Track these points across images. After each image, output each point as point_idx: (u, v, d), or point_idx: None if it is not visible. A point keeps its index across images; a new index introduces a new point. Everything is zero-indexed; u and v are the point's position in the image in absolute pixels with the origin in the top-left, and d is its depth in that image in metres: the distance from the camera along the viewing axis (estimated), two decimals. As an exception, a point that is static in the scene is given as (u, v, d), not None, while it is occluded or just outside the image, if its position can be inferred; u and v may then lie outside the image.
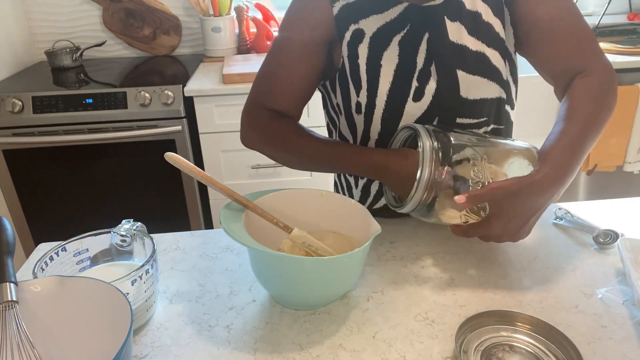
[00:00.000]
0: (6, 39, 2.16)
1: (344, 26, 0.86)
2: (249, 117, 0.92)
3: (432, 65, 0.84)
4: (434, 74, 0.84)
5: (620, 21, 2.39)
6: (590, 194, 2.28)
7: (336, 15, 0.86)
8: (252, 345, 0.67)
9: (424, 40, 0.84)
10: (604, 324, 0.69)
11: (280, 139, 0.89)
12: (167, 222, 2.07)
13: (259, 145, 0.92)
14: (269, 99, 0.91)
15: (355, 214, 0.78)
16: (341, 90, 0.91)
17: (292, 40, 0.88)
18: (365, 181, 0.98)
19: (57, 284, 0.62)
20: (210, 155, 2.00)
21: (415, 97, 0.85)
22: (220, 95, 1.89)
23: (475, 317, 0.66)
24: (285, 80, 0.90)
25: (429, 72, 0.84)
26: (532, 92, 2.03)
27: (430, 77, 0.85)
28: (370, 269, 0.82)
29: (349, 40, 0.86)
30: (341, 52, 0.87)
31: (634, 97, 2.01)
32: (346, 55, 0.87)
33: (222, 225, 0.69)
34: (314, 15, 0.87)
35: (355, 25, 0.85)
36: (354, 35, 0.86)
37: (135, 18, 2.34)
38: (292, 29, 0.88)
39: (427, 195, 0.71)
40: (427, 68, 0.84)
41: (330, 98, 0.97)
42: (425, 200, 0.72)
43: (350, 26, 0.86)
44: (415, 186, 0.71)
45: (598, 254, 0.84)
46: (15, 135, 1.86)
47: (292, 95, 0.90)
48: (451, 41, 0.83)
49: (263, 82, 0.92)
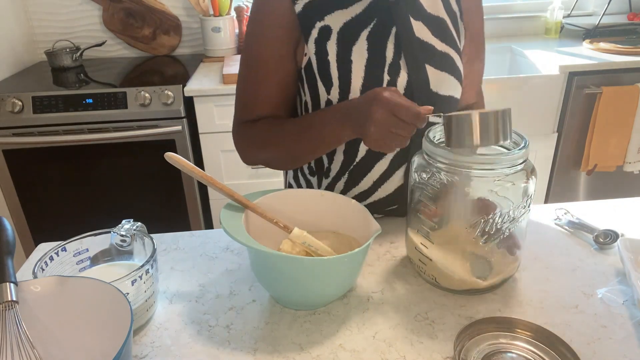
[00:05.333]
0: (6, 39, 2.16)
1: (308, 24, 0.85)
2: (239, 136, 0.93)
3: (402, 59, 0.85)
4: (404, 67, 0.85)
5: (620, 21, 2.39)
6: (590, 194, 2.28)
7: (299, 12, 0.85)
8: (252, 345, 0.67)
9: (392, 34, 0.85)
10: (604, 324, 0.69)
11: (261, 139, 0.89)
12: (167, 222, 2.07)
13: (257, 155, 0.92)
14: (253, 113, 0.91)
15: (355, 214, 0.78)
16: (309, 88, 0.89)
17: (262, 52, 0.87)
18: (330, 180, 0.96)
19: (57, 284, 0.62)
20: (210, 155, 2.00)
21: None
22: (220, 95, 1.89)
23: (474, 323, 0.66)
24: (265, 92, 0.89)
25: (399, 65, 0.85)
26: (532, 92, 2.03)
27: (400, 69, 0.85)
28: (370, 269, 0.82)
29: (316, 37, 0.85)
30: (304, 50, 0.87)
31: (634, 97, 2.01)
32: (313, 53, 0.86)
33: (222, 225, 0.69)
34: (277, 18, 0.85)
35: (320, 22, 0.85)
36: (320, 32, 0.85)
37: (135, 18, 2.34)
38: (260, 37, 0.87)
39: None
40: (397, 61, 0.85)
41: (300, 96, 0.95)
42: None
43: (316, 23, 0.85)
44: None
45: (598, 254, 0.84)
46: (15, 135, 1.86)
47: (275, 101, 0.90)
48: (417, 37, 0.86)
49: (243, 100, 0.92)
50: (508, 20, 2.54)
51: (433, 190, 0.71)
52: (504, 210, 0.68)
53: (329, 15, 0.85)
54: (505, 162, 0.66)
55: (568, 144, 2.15)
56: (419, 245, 0.76)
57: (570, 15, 2.53)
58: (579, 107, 2.07)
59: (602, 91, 2.00)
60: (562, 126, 2.12)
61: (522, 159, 0.67)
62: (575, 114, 2.08)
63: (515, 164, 0.67)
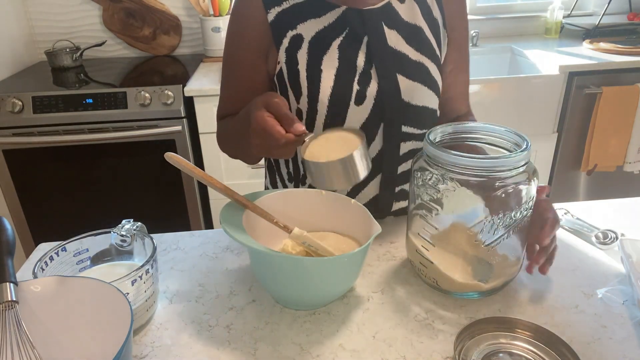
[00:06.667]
0: (6, 39, 2.16)
1: (280, 33, 0.85)
2: (217, 130, 0.97)
3: (373, 68, 0.84)
4: (375, 76, 0.84)
5: (620, 21, 2.39)
6: (590, 194, 2.28)
7: (271, 22, 0.85)
8: (252, 345, 0.67)
9: (364, 43, 0.84)
10: (604, 324, 0.69)
11: (221, 135, 0.96)
12: (167, 222, 2.07)
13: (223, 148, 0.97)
14: (225, 110, 0.95)
15: (355, 214, 0.78)
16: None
17: (235, 55, 0.89)
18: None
19: (57, 284, 0.62)
20: (210, 155, 2.00)
21: (357, 101, 0.84)
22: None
23: (474, 323, 0.66)
24: (235, 93, 0.92)
25: (370, 75, 0.84)
26: (532, 92, 2.03)
27: (371, 79, 0.84)
28: (370, 269, 0.82)
29: (287, 47, 0.85)
30: (277, 58, 0.87)
31: (634, 97, 2.01)
32: (284, 62, 0.86)
33: (222, 225, 0.69)
34: (250, 25, 0.86)
35: (292, 31, 0.85)
36: (292, 41, 0.85)
37: (135, 18, 2.34)
38: (235, 40, 0.89)
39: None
40: (368, 71, 0.84)
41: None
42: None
43: (288, 32, 0.85)
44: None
45: (598, 254, 0.84)
46: (15, 135, 1.86)
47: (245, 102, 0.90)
48: (390, 46, 0.85)
49: (220, 97, 0.96)
50: (508, 20, 2.54)
51: (434, 193, 0.70)
52: (505, 213, 0.68)
53: (302, 23, 0.84)
54: (507, 164, 0.66)
55: (568, 144, 2.15)
56: (419, 248, 0.76)
57: (570, 15, 2.53)
58: (579, 107, 2.07)
59: (602, 91, 2.00)
60: (562, 126, 2.12)
61: (524, 161, 0.67)
62: (575, 114, 2.08)
63: (516, 166, 0.66)
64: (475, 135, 0.77)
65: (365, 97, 0.84)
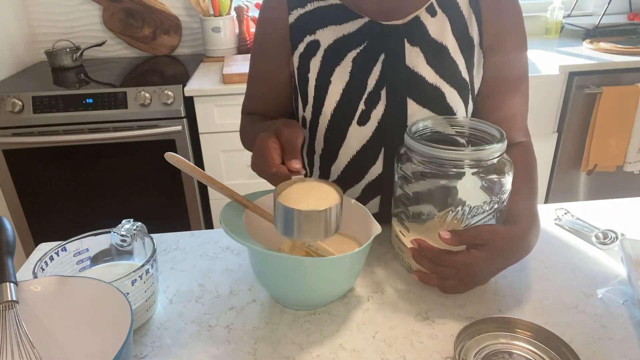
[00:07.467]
0: (6, 39, 2.16)
1: (297, 37, 0.84)
2: (241, 123, 0.99)
3: (383, 89, 0.81)
4: (384, 98, 0.81)
5: (620, 21, 2.39)
6: (590, 194, 2.28)
7: (291, 24, 0.83)
8: (252, 345, 0.67)
9: (379, 61, 0.80)
10: (604, 324, 0.69)
11: (243, 131, 0.98)
12: (167, 222, 2.07)
13: (244, 144, 0.99)
14: (248, 107, 0.97)
15: (355, 214, 0.78)
16: (294, 101, 0.91)
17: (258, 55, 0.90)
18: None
19: (57, 284, 0.62)
20: (210, 155, 2.00)
21: (360, 121, 0.82)
22: (220, 95, 1.89)
23: (474, 323, 0.66)
24: (258, 92, 0.94)
25: (379, 96, 0.81)
26: (532, 92, 2.02)
27: (379, 100, 0.81)
28: (370, 269, 0.82)
29: (302, 52, 0.84)
30: (292, 63, 0.86)
31: (634, 97, 2.01)
32: (296, 67, 0.85)
33: (222, 225, 0.69)
34: (274, 27, 0.86)
35: (311, 36, 0.83)
36: (308, 47, 0.83)
37: (135, 18, 2.34)
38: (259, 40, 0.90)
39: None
40: (378, 91, 0.81)
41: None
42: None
43: (305, 37, 0.83)
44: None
45: (598, 254, 0.84)
46: (15, 135, 1.86)
47: (266, 102, 0.93)
48: (407, 66, 0.80)
49: (246, 92, 0.97)
50: (508, 20, 2.54)
51: (410, 180, 0.74)
52: (474, 204, 0.70)
53: (322, 29, 0.82)
54: (479, 156, 0.68)
55: (568, 144, 2.15)
56: (398, 233, 0.80)
57: (570, 15, 2.53)
58: (579, 107, 2.07)
59: (602, 91, 2.00)
60: (562, 126, 2.12)
61: (498, 152, 0.69)
62: (575, 114, 2.08)
63: (489, 158, 0.68)
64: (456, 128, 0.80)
65: (370, 118, 0.82)
